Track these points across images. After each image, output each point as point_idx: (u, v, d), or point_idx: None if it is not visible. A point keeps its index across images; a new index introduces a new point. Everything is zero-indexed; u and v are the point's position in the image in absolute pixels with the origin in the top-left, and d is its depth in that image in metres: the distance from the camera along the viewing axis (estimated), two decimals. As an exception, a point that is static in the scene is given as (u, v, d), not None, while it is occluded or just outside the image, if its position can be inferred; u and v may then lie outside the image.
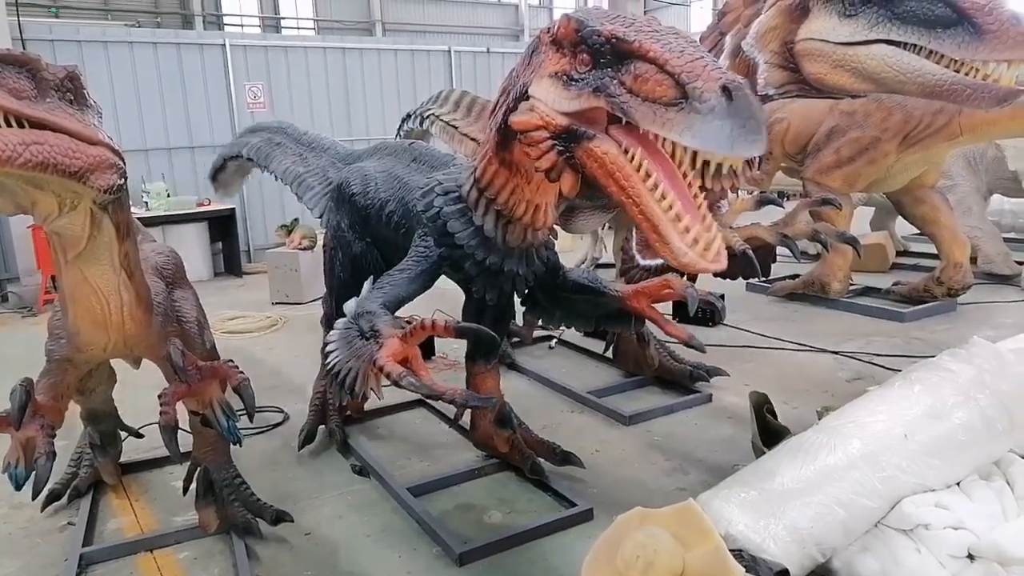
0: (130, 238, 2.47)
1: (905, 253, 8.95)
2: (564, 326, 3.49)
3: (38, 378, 2.73)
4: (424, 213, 2.97)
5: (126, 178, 2.28)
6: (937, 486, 2.65)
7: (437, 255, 2.95)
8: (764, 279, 5.62)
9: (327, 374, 2.42)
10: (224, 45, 10.19)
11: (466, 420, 3.88)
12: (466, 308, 3.51)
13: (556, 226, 3.18)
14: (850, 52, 3.02)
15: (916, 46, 2.85)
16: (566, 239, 8.36)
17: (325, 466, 4.05)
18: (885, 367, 5.12)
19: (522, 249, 2.92)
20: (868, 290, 7.22)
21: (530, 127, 2.20)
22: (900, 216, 7.13)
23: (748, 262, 3.54)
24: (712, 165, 1.85)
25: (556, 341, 6.12)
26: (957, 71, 2.79)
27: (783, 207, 4.09)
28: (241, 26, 21.85)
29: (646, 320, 3.21)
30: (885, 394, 2.96)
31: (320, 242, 6.18)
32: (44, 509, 3.58)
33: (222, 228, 9.97)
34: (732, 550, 2.26)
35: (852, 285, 7.13)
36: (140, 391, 3.92)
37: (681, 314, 5.68)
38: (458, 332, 2.36)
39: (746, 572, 2.21)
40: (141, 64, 9.62)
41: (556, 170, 2.21)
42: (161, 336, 2.83)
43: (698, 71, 1.79)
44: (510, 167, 2.61)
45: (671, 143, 1.87)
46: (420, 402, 4.79)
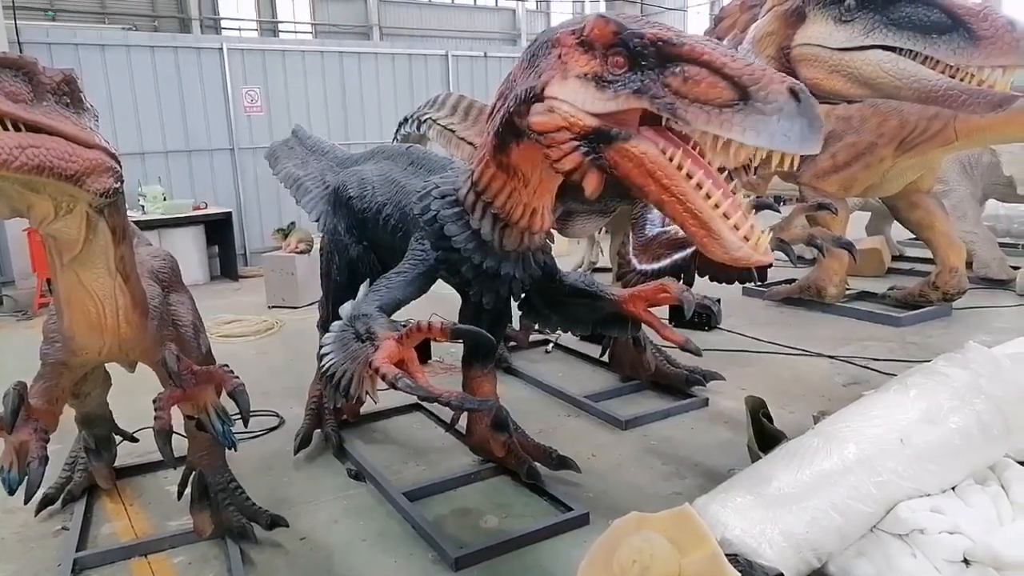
0: (126, 242, 2.47)
1: (901, 258, 8.98)
2: (561, 330, 3.49)
3: (32, 382, 2.72)
4: (421, 216, 2.97)
5: (122, 181, 2.28)
6: (933, 491, 2.65)
7: (434, 258, 2.95)
8: (760, 284, 5.65)
9: (322, 376, 2.41)
10: (221, 49, 10.21)
11: (462, 424, 3.87)
12: (463, 312, 3.51)
13: (553, 230, 3.18)
14: (846, 57, 3.04)
15: (912, 52, 2.86)
16: (563, 243, 8.37)
17: (321, 470, 4.04)
18: (881, 371, 5.13)
19: (519, 253, 2.92)
20: (864, 295, 7.24)
21: (551, 128, 2.18)
22: (896, 221, 7.15)
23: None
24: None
25: (552, 345, 6.11)
26: (952, 76, 2.81)
27: (779, 212, 4.10)
28: (239, 30, 21.89)
29: (642, 324, 3.21)
30: (881, 399, 2.96)
31: (317, 246, 6.18)
32: (38, 514, 3.56)
33: (218, 232, 9.95)
34: (728, 555, 2.26)
35: (848, 290, 7.15)
36: (135, 395, 3.91)
37: (677, 318, 5.68)
38: (454, 334, 2.36)
39: (742, 577, 2.21)
40: (138, 68, 9.63)
41: (580, 171, 2.19)
42: (156, 340, 2.82)
43: (759, 75, 1.84)
44: (507, 170, 2.61)
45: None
46: (416, 406, 4.78)
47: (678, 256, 3.94)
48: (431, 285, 3.05)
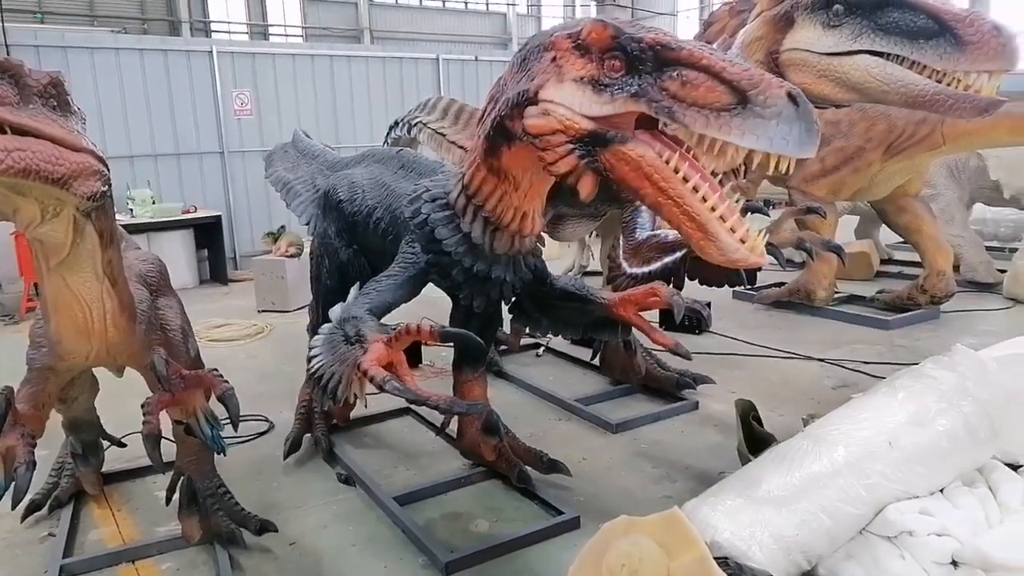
0: (114, 245, 2.45)
1: (889, 261, 9.03)
2: (551, 334, 3.49)
3: (19, 386, 2.70)
4: (411, 220, 2.97)
5: (110, 185, 2.26)
6: (921, 493, 2.66)
7: (424, 262, 2.94)
8: (750, 287, 5.64)
9: (310, 378, 2.40)
10: (211, 52, 10.16)
11: (453, 428, 3.86)
12: (453, 316, 3.51)
13: (544, 234, 3.19)
14: (834, 62, 3.06)
15: (899, 57, 2.88)
16: (554, 247, 8.39)
17: (310, 475, 4.02)
18: (869, 374, 5.16)
19: (509, 256, 2.92)
20: (853, 298, 7.28)
21: (547, 131, 2.19)
22: (884, 225, 7.20)
23: (734, 269, 3.56)
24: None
25: (543, 349, 6.12)
26: (939, 81, 2.83)
27: (769, 215, 4.11)
28: (229, 33, 21.81)
29: (633, 328, 3.22)
30: (869, 401, 2.97)
31: (307, 249, 6.16)
32: (24, 520, 3.53)
33: (208, 235, 9.89)
34: (718, 558, 2.26)
35: (837, 293, 7.18)
36: (123, 400, 3.88)
37: (667, 322, 5.68)
38: (444, 337, 2.36)
39: (732, 580, 2.21)
40: (127, 70, 9.57)
41: (576, 174, 2.20)
42: (145, 344, 2.80)
43: (757, 79, 1.86)
44: (498, 174, 2.62)
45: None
46: (407, 410, 4.77)
47: (668, 260, 3.96)
48: (421, 288, 3.04)
